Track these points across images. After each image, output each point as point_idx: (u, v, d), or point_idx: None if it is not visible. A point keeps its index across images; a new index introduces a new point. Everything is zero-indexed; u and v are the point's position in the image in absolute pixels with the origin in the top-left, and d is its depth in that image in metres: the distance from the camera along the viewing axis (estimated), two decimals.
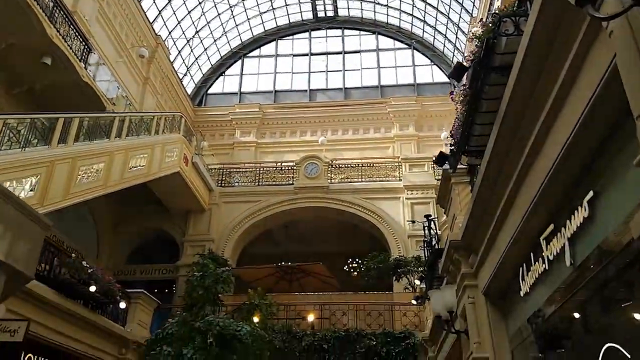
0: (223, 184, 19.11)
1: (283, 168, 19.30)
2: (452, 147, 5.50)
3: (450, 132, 5.76)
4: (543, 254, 4.33)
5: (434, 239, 10.04)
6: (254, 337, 6.22)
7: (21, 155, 8.90)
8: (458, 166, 6.36)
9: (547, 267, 4.30)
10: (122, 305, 11.08)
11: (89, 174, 10.89)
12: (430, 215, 10.53)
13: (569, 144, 3.44)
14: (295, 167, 18.79)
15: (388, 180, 18.12)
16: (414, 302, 11.66)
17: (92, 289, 9.64)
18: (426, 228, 10.18)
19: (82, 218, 17.11)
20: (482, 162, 5.16)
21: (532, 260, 4.64)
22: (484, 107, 4.73)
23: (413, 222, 15.04)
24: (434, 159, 6.34)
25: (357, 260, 14.97)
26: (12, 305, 7.86)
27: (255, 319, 7.40)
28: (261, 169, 19.38)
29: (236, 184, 19.12)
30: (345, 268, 15.04)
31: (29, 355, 8.82)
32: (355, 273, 14.75)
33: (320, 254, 17.43)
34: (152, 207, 18.03)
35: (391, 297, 14.01)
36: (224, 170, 19.61)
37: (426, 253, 10.16)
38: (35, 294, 8.50)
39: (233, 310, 7.42)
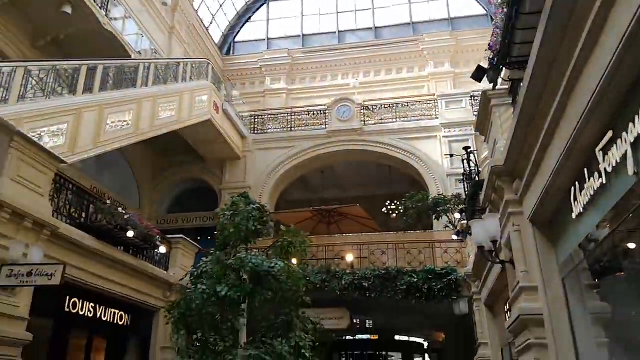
0: (256, 132, 18.93)
1: (315, 112, 18.87)
2: (492, 59, 4.99)
3: (489, 44, 5.23)
4: (599, 166, 3.88)
5: (473, 172, 9.56)
6: (289, 273, 6.03)
7: (47, 103, 8.82)
8: (498, 86, 5.85)
9: (604, 181, 3.86)
10: (163, 250, 11.23)
11: (118, 123, 10.81)
12: (469, 148, 10.03)
13: (629, 34, 2.94)
14: (327, 111, 18.36)
15: (424, 120, 17.51)
16: (454, 237, 11.35)
17: (130, 234, 9.70)
18: (465, 161, 9.71)
19: (123, 171, 17.38)
20: (525, 73, 4.67)
21: (586, 177, 4.20)
22: (527, 6, 4.20)
23: (451, 155, 14.52)
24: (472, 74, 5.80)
25: (395, 202, 14.63)
26: (52, 252, 7.96)
27: (294, 261, 7.23)
28: (293, 115, 19.03)
29: (269, 131, 18.90)
30: (383, 210, 14.74)
31: (74, 299, 9.01)
32: (394, 215, 14.44)
33: (358, 198, 17.22)
34: (190, 157, 18.18)
35: (431, 235, 13.71)
36: (256, 117, 19.38)
37: (466, 187, 9.72)
38: (73, 240, 8.59)
39: (267, 248, 7.29)
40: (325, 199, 18.95)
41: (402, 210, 13.71)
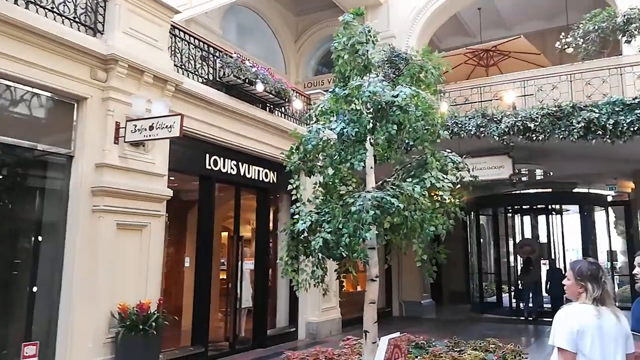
0: None
1: None
2: None
3: None
4: None
5: None
6: (418, 102, 4.82)
7: None
8: None
9: None
10: (299, 105, 10.65)
11: None
12: None
13: None
14: None
15: None
16: None
17: (259, 87, 9.17)
18: None
19: (266, 37, 16.93)
20: None
21: None
22: None
23: None
24: None
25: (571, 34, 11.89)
26: (178, 108, 7.70)
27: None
28: None
29: None
30: (557, 45, 12.11)
31: (214, 157, 8.96)
32: (570, 49, 11.80)
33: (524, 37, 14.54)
34: (328, 13, 16.93)
35: (618, 61, 11.00)
36: None
37: None
38: (199, 95, 8.29)
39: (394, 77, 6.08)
40: (485, 43, 16.52)
41: (579, 38, 11.08)
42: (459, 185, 5.33)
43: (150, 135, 6.48)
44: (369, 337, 5.24)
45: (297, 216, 5.31)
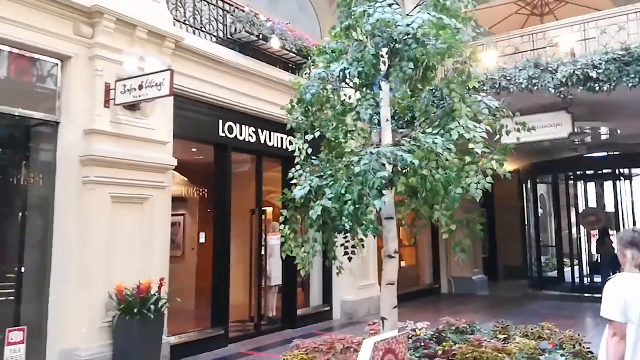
0: None
1: None
2: None
3: None
4: None
5: None
6: (439, 31, 3.77)
7: None
8: None
9: None
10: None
11: None
12: None
13: None
14: None
15: None
16: None
17: (275, 44, 8.22)
18: None
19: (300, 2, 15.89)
20: None
21: None
22: None
23: None
24: None
25: None
26: (180, 68, 6.91)
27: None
28: None
29: None
30: None
31: (229, 123, 8.14)
32: None
33: None
34: None
35: None
36: None
37: None
38: (203, 52, 7.45)
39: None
40: None
41: None
42: (498, 137, 4.23)
43: (140, 96, 5.72)
44: (386, 325, 4.31)
45: (295, 182, 4.42)
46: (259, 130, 8.69)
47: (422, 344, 5.80)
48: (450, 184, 3.73)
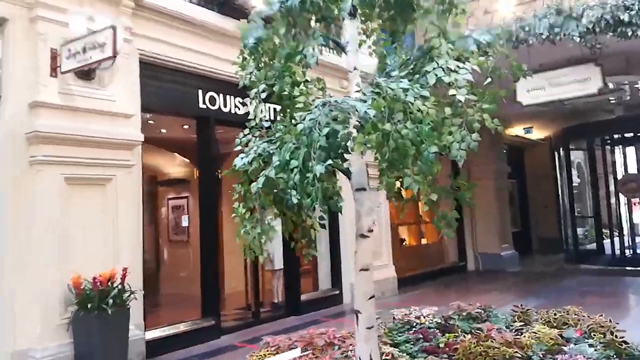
0: None
1: None
2: None
3: None
4: None
5: None
6: None
7: None
8: None
9: None
10: None
11: None
12: None
13: None
14: None
15: None
16: None
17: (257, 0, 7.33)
18: None
19: None
20: None
21: None
22: None
23: None
24: None
25: None
26: (146, 30, 6.15)
27: None
28: None
29: None
30: None
31: (210, 93, 7.35)
32: None
33: None
34: None
35: None
36: None
37: None
38: (174, 12, 6.63)
39: None
40: None
41: None
42: (489, 80, 3.29)
43: (84, 60, 4.97)
44: (361, 319, 3.49)
45: (240, 148, 3.62)
46: (248, 101, 7.86)
47: (422, 335, 4.96)
48: (422, 141, 2.84)
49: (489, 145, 12.55)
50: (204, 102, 7.24)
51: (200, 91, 7.19)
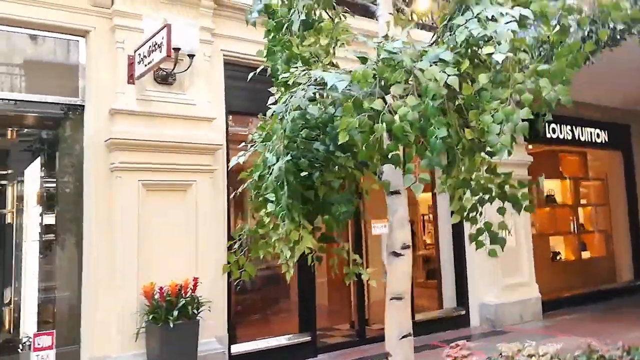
0: None
1: None
2: None
3: None
4: None
5: None
6: None
7: None
8: None
9: None
10: None
11: None
12: None
13: None
14: None
15: None
16: None
17: None
18: None
19: None
20: None
21: None
22: None
23: None
24: None
25: None
26: (230, 31, 5.91)
27: None
28: None
29: None
30: None
31: None
32: None
33: None
34: None
35: None
36: None
37: None
38: None
39: None
40: None
41: None
42: (557, 28, 2.25)
43: (150, 63, 4.84)
44: None
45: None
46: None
47: None
48: (431, 123, 1.96)
49: None
50: None
51: None
